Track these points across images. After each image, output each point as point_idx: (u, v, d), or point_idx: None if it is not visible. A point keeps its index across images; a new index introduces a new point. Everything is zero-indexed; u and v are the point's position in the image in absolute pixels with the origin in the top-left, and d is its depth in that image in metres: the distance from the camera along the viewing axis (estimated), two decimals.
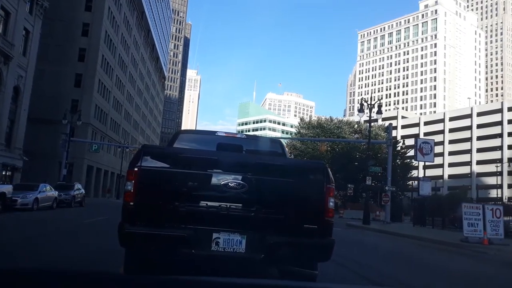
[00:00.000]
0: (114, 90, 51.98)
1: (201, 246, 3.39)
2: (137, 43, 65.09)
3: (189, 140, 5.49)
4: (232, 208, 3.45)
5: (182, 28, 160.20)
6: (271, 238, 3.44)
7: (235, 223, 3.46)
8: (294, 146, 45.76)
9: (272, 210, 3.56)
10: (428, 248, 12.02)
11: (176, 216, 3.46)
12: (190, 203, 3.47)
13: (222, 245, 3.42)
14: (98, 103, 45.79)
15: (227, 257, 3.43)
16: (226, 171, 3.50)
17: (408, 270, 7.37)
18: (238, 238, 3.45)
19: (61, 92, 41.93)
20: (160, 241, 3.41)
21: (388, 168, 24.35)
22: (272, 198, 3.60)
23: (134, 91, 65.37)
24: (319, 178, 3.72)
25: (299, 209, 3.62)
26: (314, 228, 3.58)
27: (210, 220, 3.45)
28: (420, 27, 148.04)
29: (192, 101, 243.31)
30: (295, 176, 3.76)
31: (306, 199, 3.65)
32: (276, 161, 4.24)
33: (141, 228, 3.40)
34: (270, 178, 3.58)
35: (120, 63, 54.37)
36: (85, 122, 42.62)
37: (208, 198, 3.49)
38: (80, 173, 41.83)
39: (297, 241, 3.52)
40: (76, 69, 43.56)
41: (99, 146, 43.41)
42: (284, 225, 3.54)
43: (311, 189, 3.75)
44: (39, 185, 18.25)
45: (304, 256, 3.70)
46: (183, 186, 3.56)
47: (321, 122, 46.74)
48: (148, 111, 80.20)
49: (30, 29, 31.52)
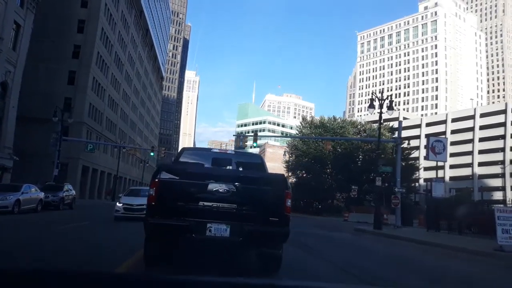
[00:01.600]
0: (109, 89, 50.45)
1: (199, 232, 4.83)
2: (135, 42, 63.63)
3: (191, 155, 7.25)
4: (220, 206, 4.92)
5: (182, 30, 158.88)
6: (247, 227, 4.87)
7: (222, 217, 4.91)
8: (296, 147, 44.17)
9: (248, 207, 5.00)
10: (464, 260, 10.50)
11: (182, 212, 4.92)
12: (191, 203, 4.97)
13: (213, 231, 4.86)
14: (93, 102, 44.25)
15: (217, 240, 4.88)
16: (216, 181, 4.96)
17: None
18: (224, 227, 4.87)
19: (54, 90, 40.44)
20: (171, 228, 4.92)
21: (397, 168, 22.87)
22: (248, 200, 5.03)
23: (131, 90, 63.83)
24: (280, 186, 5.22)
25: (266, 207, 5.07)
26: (276, 220, 5.03)
27: (205, 214, 4.89)
28: (420, 28, 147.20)
29: (191, 103, 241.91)
30: (263, 184, 5.29)
31: (271, 200, 5.11)
32: (250, 174, 5.71)
33: (159, 220, 4.90)
34: (247, 186, 5.05)
35: (117, 61, 52.84)
36: (79, 121, 41.12)
37: (204, 199, 4.94)
38: (75, 173, 40.27)
39: (265, 229, 4.99)
40: (70, 66, 42.05)
41: (94, 146, 41.83)
42: (256, 218, 4.95)
43: (274, 193, 5.14)
44: (22, 185, 16.73)
45: (269, 239, 5.16)
46: (187, 191, 5.05)
47: (324, 122, 45.23)
48: (145, 111, 78.64)
49: (21, 23, 30.00)
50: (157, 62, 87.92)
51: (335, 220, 33.56)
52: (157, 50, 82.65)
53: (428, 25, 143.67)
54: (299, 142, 43.96)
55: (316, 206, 44.88)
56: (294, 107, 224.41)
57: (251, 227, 4.89)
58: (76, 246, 8.12)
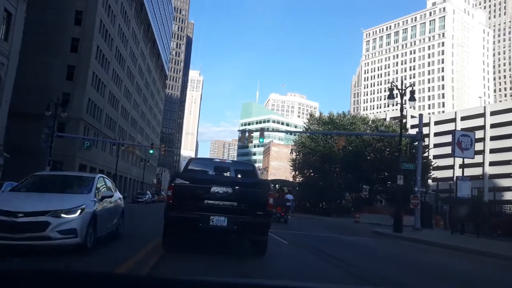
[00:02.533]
0: (110, 85, 48.76)
1: (204, 222, 6.50)
2: (136, 37, 61.91)
3: (197, 163, 9.03)
4: (220, 203, 6.62)
5: (185, 27, 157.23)
6: (240, 218, 6.59)
7: (221, 211, 6.59)
8: (303, 144, 42.11)
9: (240, 204, 6.68)
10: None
11: (192, 207, 6.63)
12: (199, 201, 6.68)
13: (215, 222, 6.53)
14: (92, 97, 42.55)
15: (217, 228, 6.55)
16: (217, 185, 6.68)
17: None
18: (223, 218, 6.54)
19: (52, 84, 38.78)
20: (184, 220, 6.64)
21: (418, 166, 20.92)
22: (240, 198, 6.70)
23: (133, 87, 62.14)
24: (265, 189, 7.01)
25: (254, 204, 6.76)
26: (261, 213, 6.72)
27: (209, 209, 6.59)
28: (428, 25, 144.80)
29: (194, 102, 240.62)
30: (252, 187, 7.09)
31: (258, 199, 6.80)
32: (242, 179, 7.79)
33: (175, 213, 6.60)
34: (240, 188, 6.77)
35: (118, 56, 51.11)
36: (77, 117, 39.44)
37: (208, 198, 6.65)
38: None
39: (253, 220, 6.65)
40: (68, 61, 40.33)
41: (91, 143, 40.15)
42: (246, 212, 6.67)
43: (260, 194, 6.86)
44: (4, 183, 14.98)
45: (256, 228, 6.79)
46: (195, 192, 6.75)
47: (333, 118, 43.17)
48: (147, 109, 76.95)
49: (12, 11, 28.27)
50: (160, 59, 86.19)
51: (345, 221, 31.70)
52: (160, 47, 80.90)
53: (436, 21, 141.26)
54: (307, 139, 41.89)
55: (323, 206, 42.89)
56: (298, 106, 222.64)
57: (243, 219, 6.58)
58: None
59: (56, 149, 38.81)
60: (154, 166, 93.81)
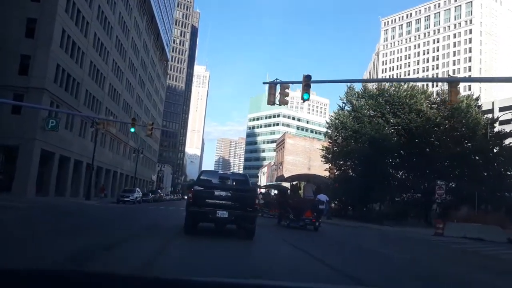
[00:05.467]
0: (90, 52, 38.23)
1: (212, 215, 10.48)
2: (128, 4, 51.45)
3: (207, 174, 12.61)
4: (223, 202, 10.55)
5: (190, 14, 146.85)
6: (236, 212, 10.54)
7: (224, 207, 10.50)
8: (344, 125, 30.52)
9: (237, 203, 10.59)
10: None
11: (204, 205, 10.55)
12: (209, 200, 10.57)
13: (219, 215, 10.44)
14: (62, 64, 32.04)
15: (221, 219, 10.63)
16: (221, 190, 10.82)
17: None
18: (225, 212, 10.45)
19: (5, 44, 28.60)
20: (200, 213, 10.66)
21: None
22: (236, 199, 10.61)
23: (125, 65, 51.60)
24: (254, 193, 12.11)
25: (245, 203, 10.76)
26: (250, 209, 10.77)
27: (215, 206, 10.50)
28: (453, 11, 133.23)
29: (200, 98, 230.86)
30: (244, 192, 11.14)
31: (248, 200, 10.88)
32: (238, 186, 11.62)
33: (194, 208, 10.64)
34: (236, 192, 10.85)
35: (100, 17, 40.45)
36: (39, 87, 29.04)
37: (215, 198, 10.59)
38: (29, 161, 28.13)
39: (245, 214, 10.67)
40: (28, 12, 29.98)
41: (58, 121, 29.64)
42: (241, 208, 10.63)
43: (250, 196, 11.12)
44: None
45: (247, 219, 10.80)
46: (206, 194, 10.65)
47: (385, 89, 32.32)
48: (144, 94, 66.38)
49: None
50: (160, 39, 75.67)
51: (418, 233, 21.01)
52: (159, 22, 70.24)
53: (463, 7, 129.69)
54: (349, 118, 30.73)
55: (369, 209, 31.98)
56: (308, 102, 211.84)
57: (238, 213, 10.56)
58: None
59: (8, 130, 28.49)
60: (154, 161, 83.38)
